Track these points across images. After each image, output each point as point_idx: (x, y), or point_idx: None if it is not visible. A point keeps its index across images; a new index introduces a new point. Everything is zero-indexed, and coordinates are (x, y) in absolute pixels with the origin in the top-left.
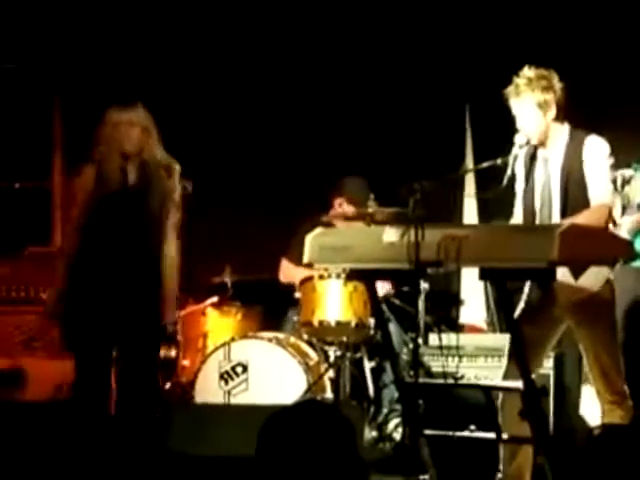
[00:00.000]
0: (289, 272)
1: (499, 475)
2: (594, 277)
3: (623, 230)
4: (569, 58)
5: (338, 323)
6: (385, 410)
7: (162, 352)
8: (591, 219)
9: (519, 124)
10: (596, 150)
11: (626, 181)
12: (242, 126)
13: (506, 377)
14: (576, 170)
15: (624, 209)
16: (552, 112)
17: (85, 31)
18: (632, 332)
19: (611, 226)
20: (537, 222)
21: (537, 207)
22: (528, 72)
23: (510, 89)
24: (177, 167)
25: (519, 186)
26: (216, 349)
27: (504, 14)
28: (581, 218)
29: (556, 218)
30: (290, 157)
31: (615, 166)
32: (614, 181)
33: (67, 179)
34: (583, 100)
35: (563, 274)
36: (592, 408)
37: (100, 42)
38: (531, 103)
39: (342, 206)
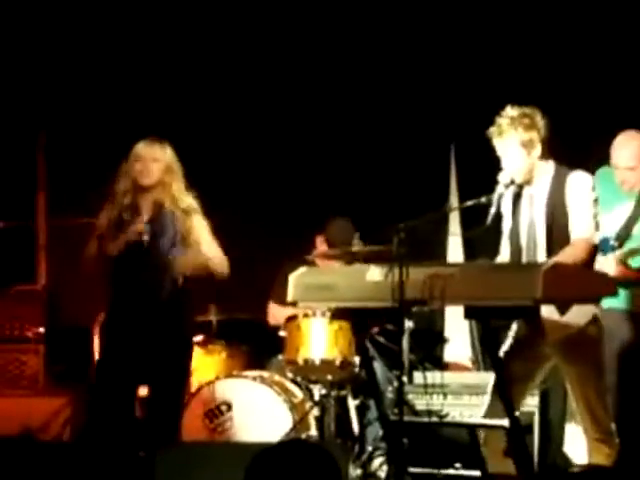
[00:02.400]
0: (277, 314)
1: None
2: (580, 314)
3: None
4: (553, 98)
5: (323, 361)
6: (370, 448)
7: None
8: (571, 254)
9: (504, 164)
10: (579, 185)
11: None
12: (228, 164)
13: (488, 415)
14: (560, 207)
15: None
16: (537, 150)
17: (70, 70)
18: (624, 374)
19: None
20: (523, 260)
21: (523, 245)
22: (511, 111)
23: (493, 129)
24: (197, 213)
25: (506, 224)
26: (201, 387)
27: (489, 54)
28: (561, 254)
29: (542, 256)
30: (275, 196)
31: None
32: (595, 215)
33: (51, 218)
34: (568, 135)
35: (550, 311)
36: (576, 446)
37: (85, 81)
38: (515, 142)
39: (322, 245)
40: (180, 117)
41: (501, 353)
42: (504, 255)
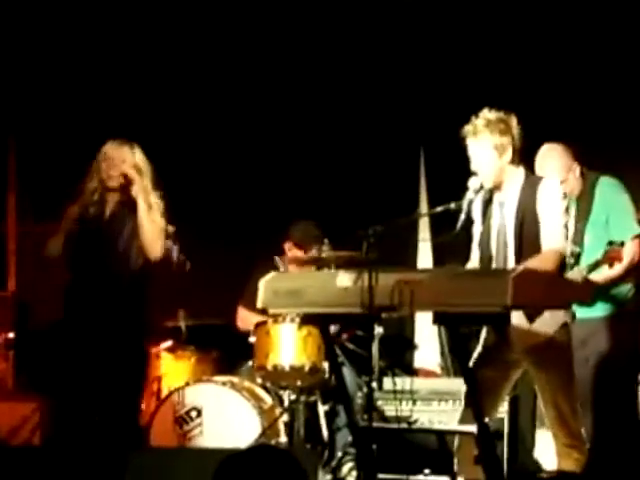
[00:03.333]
0: (246, 319)
1: None
2: (550, 321)
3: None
4: (524, 104)
5: (292, 367)
6: (339, 454)
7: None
8: (541, 264)
9: (473, 165)
10: (549, 194)
11: None
12: (197, 169)
13: (462, 421)
14: (531, 214)
15: None
16: (507, 155)
17: (41, 74)
18: (600, 383)
19: None
20: (493, 266)
21: (493, 251)
22: (488, 114)
23: (468, 128)
24: (156, 211)
25: (476, 230)
26: (171, 393)
27: (459, 60)
28: (531, 263)
29: (512, 262)
30: (244, 202)
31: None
32: (565, 225)
33: (21, 224)
34: (537, 141)
35: (519, 318)
36: (547, 452)
37: (55, 86)
38: (487, 145)
39: (291, 250)
40: (149, 121)
41: (471, 361)
42: (474, 261)
